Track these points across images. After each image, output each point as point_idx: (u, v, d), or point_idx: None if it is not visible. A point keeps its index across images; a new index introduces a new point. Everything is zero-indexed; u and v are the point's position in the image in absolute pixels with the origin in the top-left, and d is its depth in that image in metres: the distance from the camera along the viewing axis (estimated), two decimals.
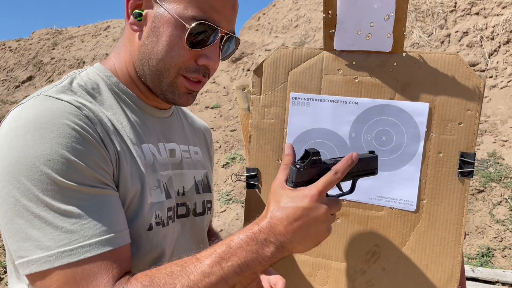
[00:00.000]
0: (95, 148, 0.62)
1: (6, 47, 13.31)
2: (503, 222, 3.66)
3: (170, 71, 0.73)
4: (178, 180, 0.82)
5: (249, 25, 9.31)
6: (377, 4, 0.77)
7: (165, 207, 0.75)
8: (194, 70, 0.74)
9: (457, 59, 0.79)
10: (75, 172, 0.59)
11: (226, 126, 6.46)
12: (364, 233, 0.85)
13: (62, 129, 0.60)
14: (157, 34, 0.71)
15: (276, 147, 0.89)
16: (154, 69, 0.73)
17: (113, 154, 0.66)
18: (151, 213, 0.71)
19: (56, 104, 0.62)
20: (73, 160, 0.59)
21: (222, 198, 4.90)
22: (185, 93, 0.76)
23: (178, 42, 0.71)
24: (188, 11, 0.69)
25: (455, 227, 0.80)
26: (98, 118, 0.67)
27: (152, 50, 0.72)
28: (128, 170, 0.68)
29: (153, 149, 0.76)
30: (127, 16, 0.74)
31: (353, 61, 0.84)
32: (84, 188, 0.60)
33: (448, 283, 0.80)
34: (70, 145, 0.59)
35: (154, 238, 0.71)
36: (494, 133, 4.57)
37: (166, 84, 0.74)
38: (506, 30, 5.30)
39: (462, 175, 0.79)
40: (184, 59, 0.72)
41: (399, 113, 0.82)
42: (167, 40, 0.71)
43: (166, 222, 0.75)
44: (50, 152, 0.58)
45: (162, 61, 0.72)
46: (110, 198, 0.63)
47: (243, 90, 0.93)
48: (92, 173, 0.61)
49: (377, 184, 0.83)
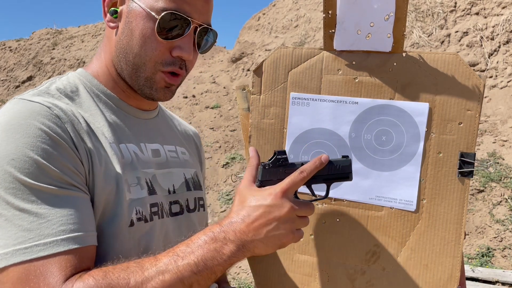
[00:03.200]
0: (62, 148, 0.63)
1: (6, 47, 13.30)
2: (503, 222, 3.66)
3: (146, 65, 0.74)
4: (167, 178, 0.82)
5: (249, 25, 9.30)
6: (377, 4, 0.77)
7: (146, 203, 0.75)
8: (170, 63, 0.74)
9: (457, 59, 0.79)
10: (39, 172, 0.60)
11: (226, 126, 6.46)
12: (364, 233, 0.85)
13: (29, 129, 0.61)
14: (131, 29, 0.72)
15: (276, 147, 0.89)
16: (131, 64, 0.74)
17: (84, 154, 0.66)
18: (131, 209, 0.71)
19: (26, 106, 0.64)
20: (38, 159, 0.60)
21: (222, 198, 4.90)
22: (163, 88, 0.77)
23: (151, 34, 0.72)
24: (159, 3, 0.71)
25: (455, 227, 0.80)
26: (70, 118, 0.67)
27: (128, 45, 0.73)
28: (101, 169, 0.68)
29: (133, 148, 0.77)
30: (104, 14, 0.75)
31: (353, 61, 0.84)
32: (46, 188, 0.60)
33: (448, 283, 0.80)
34: (35, 144, 0.60)
35: (137, 234, 0.72)
36: (494, 133, 4.58)
37: (143, 78, 0.75)
38: (506, 30, 5.30)
39: (462, 175, 0.79)
40: (158, 52, 0.73)
41: (399, 113, 0.82)
42: (140, 33, 0.72)
43: (150, 217, 0.75)
44: (14, 151, 0.59)
45: (138, 55, 0.73)
46: (75, 199, 0.63)
47: (243, 90, 0.93)
48: (57, 173, 0.61)
49: (377, 184, 0.83)
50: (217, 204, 4.83)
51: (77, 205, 0.63)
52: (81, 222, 0.62)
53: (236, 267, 3.79)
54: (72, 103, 0.71)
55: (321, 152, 0.86)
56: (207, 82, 8.43)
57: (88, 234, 0.64)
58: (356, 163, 0.84)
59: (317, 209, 0.87)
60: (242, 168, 5.14)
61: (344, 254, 0.86)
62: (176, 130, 0.97)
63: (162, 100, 0.79)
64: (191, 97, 7.93)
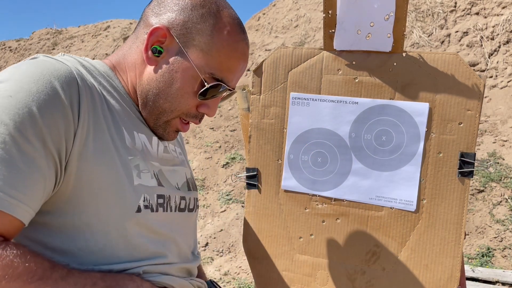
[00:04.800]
0: (64, 117, 0.61)
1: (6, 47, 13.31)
2: (503, 222, 3.66)
3: (173, 113, 0.75)
4: (172, 175, 0.82)
5: (249, 25, 9.31)
6: (377, 4, 0.77)
7: (154, 192, 0.74)
8: (193, 116, 0.77)
9: (457, 59, 0.79)
10: (30, 126, 0.58)
11: (226, 126, 6.46)
12: (364, 233, 0.84)
13: (44, 87, 0.60)
14: (173, 78, 0.73)
15: (276, 147, 0.89)
16: (158, 106, 0.75)
17: (85, 127, 0.64)
18: (139, 195, 0.70)
19: (52, 63, 0.64)
20: (37, 116, 0.58)
21: (222, 198, 4.90)
22: (174, 132, 0.80)
23: (190, 91, 0.73)
24: (209, 67, 0.72)
25: (455, 227, 0.80)
26: (90, 89, 0.67)
27: (163, 90, 0.74)
28: (106, 145, 0.66)
29: (144, 139, 0.77)
30: (145, 49, 0.73)
31: (353, 61, 0.84)
32: (24, 144, 0.57)
33: (448, 283, 0.80)
34: (42, 102, 0.59)
35: (143, 221, 0.70)
36: (494, 133, 4.57)
37: (163, 121, 0.77)
38: (506, 30, 5.30)
39: (462, 175, 0.79)
40: (189, 107, 0.75)
41: (399, 113, 0.82)
42: (180, 86, 0.73)
43: (156, 208, 0.74)
44: (23, 104, 0.58)
45: (169, 103, 0.74)
46: (37, 168, 0.59)
47: (243, 90, 0.93)
48: (43, 135, 0.59)
49: (377, 184, 0.83)
50: (217, 204, 4.83)
51: (33, 172, 0.59)
52: (23, 190, 0.58)
53: (236, 267, 3.79)
54: (91, 77, 0.70)
55: (321, 152, 0.86)
56: None
57: (21, 205, 0.58)
58: (356, 163, 0.84)
59: (317, 209, 0.87)
60: (242, 168, 5.14)
61: (344, 254, 0.86)
62: None
63: (168, 140, 0.82)
64: None
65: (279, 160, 0.89)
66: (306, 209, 0.88)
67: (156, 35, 0.71)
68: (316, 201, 0.87)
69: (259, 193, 0.91)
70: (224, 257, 3.98)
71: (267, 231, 0.91)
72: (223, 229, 4.34)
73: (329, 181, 0.86)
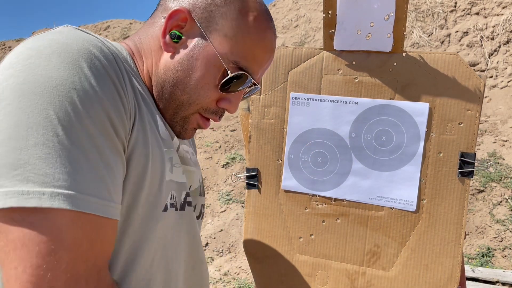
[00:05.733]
0: (119, 96, 0.54)
1: (6, 47, 13.30)
2: (503, 222, 3.66)
3: (191, 107, 0.68)
4: (189, 176, 0.76)
5: None
6: (377, 4, 0.77)
7: (183, 190, 0.68)
8: (213, 112, 0.69)
9: (457, 59, 0.79)
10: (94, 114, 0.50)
11: (226, 126, 6.46)
12: (364, 233, 0.84)
13: (92, 61, 0.52)
14: (193, 66, 0.65)
15: (276, 147, 0.89)
16: (175, 98, 0.67)
17: (132, 109, 0.57)
18: (168, 191, 0.63)
19: (88, 37, 0.55)
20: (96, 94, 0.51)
21: (222, 198, 4.90)
22: (192, 129, 0.72)
23: (211, 81, 0.65)
24: (233, 55, 0.65)
25: (455, 227, 0.80)
26: (123, 73, 0.58)
27: (181, 79, 0.66)
28: (145, 135, 0.59)
29: (166, 135, 0.69)
30: (163, 34, 0.66)
31: (353, 61, 0.84)
32: (98, 138, 0.50)
33: (448, 283, 0.80)
34: (98, 82, 0.51)
35: (167, 221, 0.63)
36: (494, 133, 4.57)
37: (180, 116, 0.69)
38: (506, 30, 5.30)
39: (462, 175, 0.79)
40: (208, 100, 0.67)
41: (399, 113, 0.82)
42: (201, 76, 0.65)
43: (181, 206, 0.67)
44: (78, 80, 0.50)
45: (188, 94, 0.66)
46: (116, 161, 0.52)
47: None
48: (112, 119, 0.52)
49: (377, 184, 0.83)
50: (217, 204, 4.83)
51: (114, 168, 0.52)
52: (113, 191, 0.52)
53: (236, 267, 3.79)
54: (122, 65, 0.61)
55: (321, 152, 0.86)
56: None
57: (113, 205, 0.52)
58: (356, 163, 0.84)
59: (317, 209, 0.87)
60: (242, 168, 5.14)
61: (344, 254, 0.86)
62: None
63: (186, 138, 0.74)
64: None
65: (279, 160, 0.89)
66: (306, 209, 0.88)
67: (175, 19, 0.64)
68: (316, 201, 0.87)
69: (259, 193, 0.91)
70: (224, 257, 3.98)
71: (267, 231, 0.91)
72: (223, 229, 4.34)
73: (329, 181, 0.86)
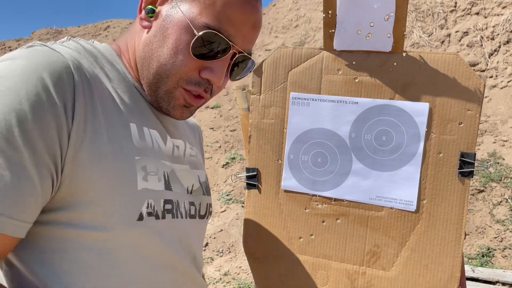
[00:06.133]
0: (56, 118, 0.54)
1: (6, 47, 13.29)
2: (503, 222, 3.66)
3: (169, 78, 0.67)
4: (185, 176, 0.76)
5: None
6: (377, 4, 0.77)
7: (161, 197, 0.66)
8: (196, 83, 0.67)
9: (457, 59, 0.79)
10: (19, 132, 0.51)
11: (226, 126, 6.46)
12: (364, 233, 0.84)
13: (35, 85, 0.53)
14: (164, 35, 0.65)
15: (276, 147, 0.89)
16: (153, 73, 0.67)
17: (80, 124, 0.57)
18: (142, 200, 0.62)
19: (46, 55, 0.56)
20: (26, 119, 0.52)
21: (222, 198, 4.90)
22: (181, 106, 0.70)
23: (184, 48, 0.64)
24: (202, 17, 0.63)
25: (455, 227, 0.80)
26: (87, 80, 0.59)
27: (156, 52, 0.66)
28: (103, 145, 0.59)
29: (156, 136, 0.70)
30: (139, 10, 0.68)
31: (353, 61, 0.84)
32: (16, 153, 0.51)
33: (448, 283, 0.80)
34: (31, 103, 0.52)
35: (145, 230, 0.63)
36: (494, 133, 4.57)
37: (163, 91, 0.68)
38: (506, 30, 5.30)
39: (462, 175, 0.79)
40: (186, 69, 0.66)
41: (399, 113, 0.82)
42: (173, 43, 0.64)
43: (162, 215, 0.66)
44: (13, 107, 0.51)
45: (164, 66, 0.66)
46: (26, 176, 0.53)
47: (242, 90, 0.93)
48: (35, 141, 0.53)
49: (377, 184, 0.83)
50: (217, 204, 4.83)
51: (23, 186, 0.53)
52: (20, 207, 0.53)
53: (236, 267, 3.79)
54: (98, 67, 0.64)
55: (321, 152, 0.86)
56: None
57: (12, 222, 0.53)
58: (356, 163, 0.84)
59: (317, 209, 0.87)
60: (242, 168, 5.14)
61: (344, 254, 0.86)
62: (187, 126, 0.91)
63: (178, 118, 0.72)
64: None
65: (279, 160, 0.89)
66: (306, 209, 0.88)
67: None
68: (316, 201, 0.87)
69: (259, 193, 0.91)
70: (224, 257, 3.98)
71: (267, 231, 0.91)
72: (223, 229, 4.34)
73: (329, 181, 0.86)
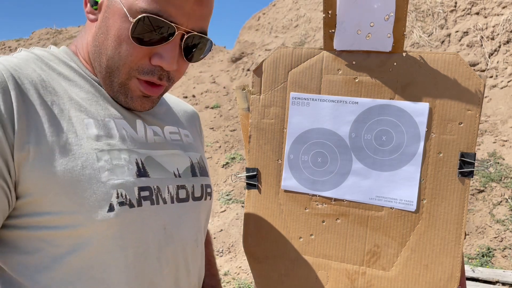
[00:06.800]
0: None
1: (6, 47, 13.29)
2: (503, 222, 3.66)
3: (120, 70, 0.65)
4: (171, 160, 0.75)
5: (249, 25, 9.31)
6: (377, 4, 0.77)
7: (133, 186, 0.65)
8: (148, 71, 0.66)
9: (458, 59, 0.79)
10: None
11: (226, 126, 6.46)
12: (364, 233, 0.84)
13: None
14: (107, 27, 0.64)
15: (276, 147, 0.89)
16: (104, 67, 0.66)
17: (23, 129, 0.57)
18: (110, 191, 0.62)
19: None
20: None
21: (222, 198, 4.90)
22: (139, 96, 0.69)
23: (126, 37, 0.63)
24: (139, 2, 0.61)
25: (455, 227, 0.80)
26: (34, 84, 0.59)
27: (102, 45, 0.65)
28: (57, 144, 0.59)
29: (124, 125, 0.69)
30: (85, 3, 0.68)
31: (353, 61, 0.84)
32: None
33: (448, 283, 0.80)
34: None
35: (120, 220, 0.63)
36: (494, 133, 4.57)
37: (117, 84, 0.67)
38: (506, 30, 5.30)
39: (462, 175, 0.79)
40: (134, 58, 0.64)
41: (399, 113, 0.82)
42: (115, 34, 0.63)
43: (137, 202, 0.65)
44: None
45: (111, 58, 0.65)
46: None
47: (242, 90, 0.93)
48: None
49: (377, 184, 0.83)
50: (217, 204, 4.83)
51: None
52: None
53: (236, 267, 3.79)
54: (49, 70, 0.64)
55: (321, 152, 0.86)
56: (207, 82, 8.43)
57: None
58: (356, 163, 0.84)
59: (317, 209, 0.87)
60: (242, 168, 5.14)
61: (344, 254, 0.86)
62: (175, 111, 0.90)
63: (139, 109, 0.71)
64: (191, 97, 7.93)
65: (279, 160, 0.89)
66: (306, 209, 0.88)
67: None
68: (316, 201, 0.87)
69: (259, 193, 0.91)
70: (224, 257, 3.98)
71: (267, 231, 0.91)
72: (223, 229, 4.34)
73: (329, 181, 0.86)
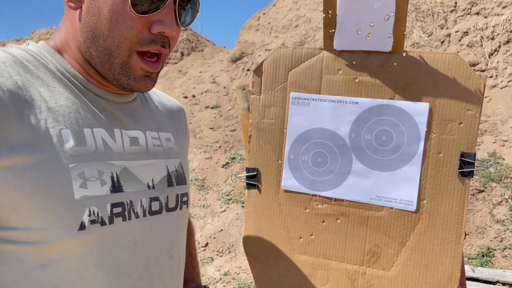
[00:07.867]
0: None
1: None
2: (503, 222, 3.66)
3: (121, 48, 0.63)
4: (146, 171, 0.73)
5: (249, 25, 9.31)
6: (377, 4, 0.77)
7: (106, 202, 0.63)
8: (150, 41, 0.64)
9: (458, 59, 0.79)
10: None
11: (226, 126, 6.46)
12: (364, 233, 0.84)
13: None
14: (98, 7, 0.62)
15: (276, 147, 0.89)
16: (102, 49, 0.64)
17: (2, 139, 0.56)
18: (82, 209, 0.60)
19: None
20: None
21: (222, 198, 4.90)
22: (142, 76, 0.68)
23: (122, 10, 0.61)
24: None
25: (455, 227, 0.80)
26: (9, 92, 0.57)
27: (96, 27, 0.63)
28: (29, 158, 0.57)
29: (102, 134, 0.67)
30: None
31: (353, 61, 0.84)
32: None
33: (448, 283, 0.80)
34: None
35: (91, 239, 0.61)
36: (494, 133, 4.57)
37: (119, 65, 0.65)
38: (506, 30, 5.30)
39: (462, 175, 0.79)
40: (134, 30, 0.63)
41: (399, 113, 0.82)
42: (109, 10, 0.61)
43: (109, 220, 0.63)
44: None
45: (110, 37, 0.63)
46: None
47: (243, 90, 0.93)
48: None
49: (377, 184, 0.83)
50: (217, 204, 4.83)
51: None
52: None
53: (236, 267, 3.79)
54: (26, 74, 0.61)
55: (321, 152, 0.86)
56: (207, 82, 8.43)
57: None
58: (356, 163, 0.84)
59: (317, 209, 0.87)
60: (242, 168, 5.14)
61: (344, 254, 0.86)
62: (158, 111, 0.87)
63: (143, 90, 0.69)
64: (191, 97, 7.93)
65: (279, 160, 0.89)
66: (306, 209, 0.88)
67: None
68: (316, 201, 0.87)
69: (259, 193, 0.91)
70: (224, 257, 3.98)
71: (267, 231, 0.91)
72: (223, 229, 4.34)
73: (329, 181, 0.86)
